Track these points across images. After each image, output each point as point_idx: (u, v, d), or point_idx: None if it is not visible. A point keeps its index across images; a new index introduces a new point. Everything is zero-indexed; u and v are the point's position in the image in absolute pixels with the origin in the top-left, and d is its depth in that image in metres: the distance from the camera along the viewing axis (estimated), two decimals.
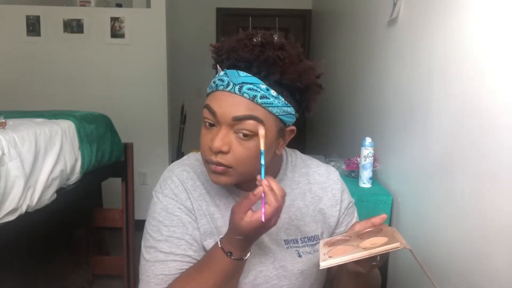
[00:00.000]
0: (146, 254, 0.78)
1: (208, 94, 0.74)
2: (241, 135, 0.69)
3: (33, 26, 2.96)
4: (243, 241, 0.69)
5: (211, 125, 0.71)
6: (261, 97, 0.68)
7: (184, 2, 4.13)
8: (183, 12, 4.08)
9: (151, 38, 3.06)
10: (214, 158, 0.70)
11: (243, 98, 0.68)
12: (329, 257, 0.66)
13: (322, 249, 0.70)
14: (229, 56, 0.70)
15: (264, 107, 0.69)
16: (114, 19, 3.00)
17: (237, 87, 0.68)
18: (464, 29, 1.07)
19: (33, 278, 2.05)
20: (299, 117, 0.77)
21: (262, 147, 0.67)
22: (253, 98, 0.68)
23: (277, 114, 0.70)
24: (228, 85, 0.68)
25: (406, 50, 1.48)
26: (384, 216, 0.72)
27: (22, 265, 1.99)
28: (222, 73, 0.70)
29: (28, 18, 2.95)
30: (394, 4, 1.57)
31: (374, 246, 0.64)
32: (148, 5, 3.08)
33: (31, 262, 2.05)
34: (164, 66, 3.11)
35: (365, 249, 0.63)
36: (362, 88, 2.10)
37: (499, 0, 0.91)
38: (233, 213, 0.68)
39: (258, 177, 0.67)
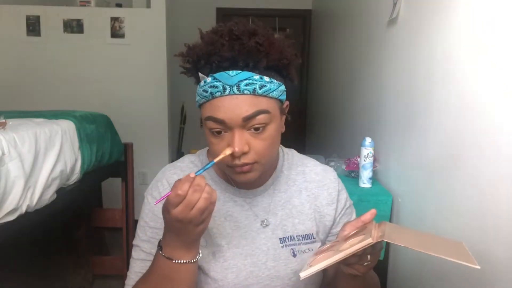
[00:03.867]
0: (133, 251, 0.82)
1: (201, 105, 0.72)
2: (252, 130, 0.70)
3: (33, 26, 2.96)
4: (166, 232, 0.68)
5: (219, 132, 0.70)
6: (260, 88, 0.68)
7: (184, 2, 4.13)
8: (183, 12, 4.08)
9: (151, 38, 3.06)
10: (238, 162, 0.70)
11: (245, 96, 0.68)
12: (310, 266, 0.66)
13: (309, 258, 0.70)
14: (208, 60, 0.69)
15: (265, 96, 0.69)
16: (114, 19, 3.00)
17: (234, 87, 0.67)
18: (464, 28, 1.07)
19: (33, 278, 2.05)
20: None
21: (215, 160, 0.68)
22: (253, 92, 0.68)
23: (276, 97, 0.71)
24: (224, 89, 0.67)
25: (406, 50, 1.48)
26: (373, 211, 0.71)
27: (22, 265, 1.99)
28: (209, 79, 0.68)
29: (28, 18, 2.95)
30: (394, 4, 1.57)
31: (352, 246, 0.63)
32: (148, 5, 3.08)
33: (31, 262, 2.05)
34: (164, 66, 3.11)
35: (342, 251, 0.63)
36: (362, 88, 2.10)
37: (499, 0, 0.91)
38: None
39: (192, 174, 0.63)
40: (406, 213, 1.45)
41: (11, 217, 1.27)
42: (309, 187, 0.87)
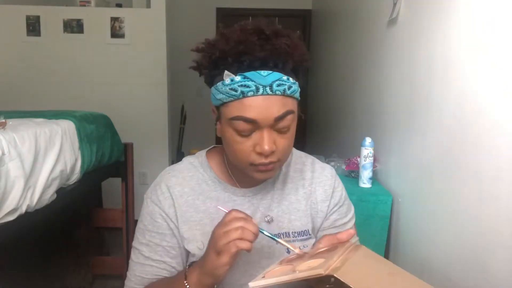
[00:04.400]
0: (132, 253, 0.83)
1: (224, 104, 0.71)
2: (280, 129, 0.71)
3: (33, 26, 2.96)
4: (197, 266, 0.71)
5: (247, 134, 0.70)
6: (289, 88, 0.69)
7: (184, 2, 4.13)
8: (183, 12, 4.09)
9: (151, 38, 3.06)
10: (265, 160, 0.71)
11: (277, 97, 0.68)
12: (262, 277, 0.64)
13: (269, 267, 0.69)
14: (238, 59, 0.68)
15: (291, 96, 0.71)
16: (114, 19, 3.00)
17: (267, 88, 0.67)
18: (463, 28, 1.07)
19: (33, 278, 2.05)
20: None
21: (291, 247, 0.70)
22: (283, 93, 0.69)
23: (298, 97, 0.73)
24: (257, 89, 0.67)
25: (406, 50, 1.48)
26: (350, 231, 0.71)
27: (22, 265, 1.99)
28: (238, 78, 0.67)
29: (28, 18, 2.95)
30: (394, 4, 1.57)
31: (307, 269, 0.60)
32: (148, 5, 3.08)
33: (31, 262, 2.05)
34: (164, 66, 3.11)
35: (298, 272, 0.61)
36: (362, 88, 2.10)
37: (498, 0, 0.91)
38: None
39: (255, 220, 0.68)
40: (406, 213, 1.45)
41: (11, 217, 1.27)
42: (305, 184, 0.87)
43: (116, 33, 3.02)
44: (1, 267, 1.74)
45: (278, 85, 0.68)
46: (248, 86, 0.67)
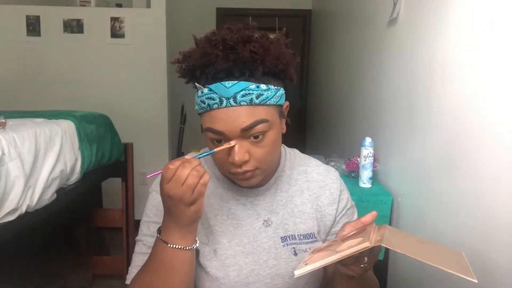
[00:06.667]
0: (136, 246, 0.82)
1: (200, 114, 0.73)
2: (252, 138, 0.70)
3: (33, 26, 2.97)
4: (164, 214, 0.68)
5: (219, 140, 0.71)
6: (257, 97, 0.68)
7: (184, 2, 4.13)
8: (183, 12, 4.09)
9: (151, 38, 3.06)
10: (240, 170, 0.71)
11: (242, 107, 0.67)
12: (305, 264, 0.65)
13: (306, 256, 0.70)
14: (204, 71, 0.69)
15: (262, 105, 0.69)
16: (114, 19, 3.01)
17: (231, 99, 0.67)
18: (463, 28, 1.07)
19: (33, 278, 2.05)
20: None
21: (215, 149, 0.69)
22: (250, 102, 0.67)
23: (274, 103, 0.71)
24: (221, 101, 0.67)
25: (406, 50, 1.48)
26: (374, 213, 0.71)
27: (22, 265, 1.99)
28: (206, 90, 0.68)
29: (28, 18, 2.96)
30: (394, 4, 1.57)
31: (350, 247, 0.62)
32: (148, 5, 3.08)
33: (31, 262, 2.05)
34: (164, 66, 3.11)
35: (339, 252, 0.62)
36: (362, 88, 2.10)
37: (498, 0, 0.91)
38: None
39: (187, 156, 0.66)
40: (406, 213, 1.45)
41: (11, 217, 1.27)
42: (311, 186, 0.87)
43: (116, 33, 3.02)
44: (1, 267, 1.74)
45: (243, 96, 0.67)
46: (213, 99, 0.68)
